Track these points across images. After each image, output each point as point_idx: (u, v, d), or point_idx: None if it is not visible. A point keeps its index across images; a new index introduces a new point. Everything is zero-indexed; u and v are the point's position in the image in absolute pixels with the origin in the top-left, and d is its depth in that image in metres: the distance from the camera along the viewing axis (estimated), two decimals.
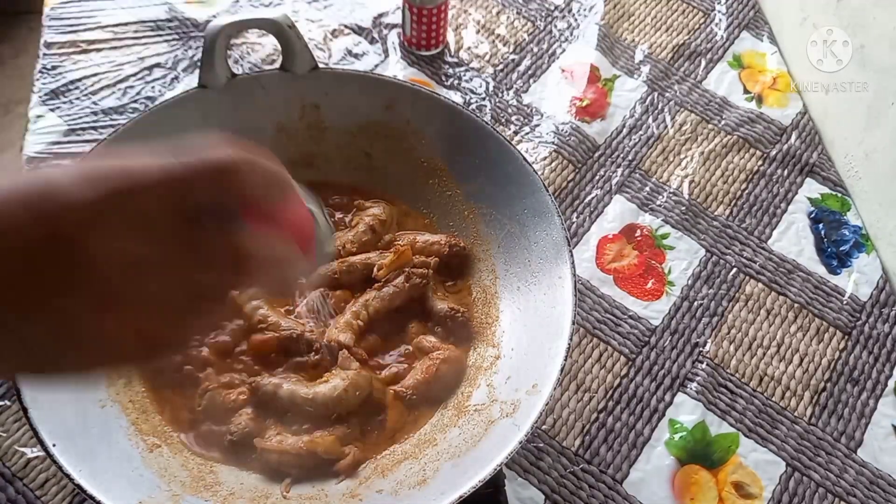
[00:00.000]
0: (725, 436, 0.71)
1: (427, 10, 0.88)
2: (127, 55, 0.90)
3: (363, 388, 0.62)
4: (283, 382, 0.62)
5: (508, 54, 0.95)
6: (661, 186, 0.86)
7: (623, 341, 0.75)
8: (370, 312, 0.67)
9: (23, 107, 0.92)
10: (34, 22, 0.97)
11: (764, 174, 0.88)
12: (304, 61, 0.69)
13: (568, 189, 0.85)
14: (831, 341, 0.77)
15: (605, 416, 0.71)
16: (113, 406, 0.60)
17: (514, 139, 0.88)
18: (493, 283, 0.70)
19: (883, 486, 0.69)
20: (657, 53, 0.97)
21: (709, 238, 0.83)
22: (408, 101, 0.71)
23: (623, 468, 0.68)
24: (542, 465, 0.68)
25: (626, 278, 0.79)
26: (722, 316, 0.78)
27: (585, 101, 0.91)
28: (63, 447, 0.52)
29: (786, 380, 0.74)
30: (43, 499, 0.63)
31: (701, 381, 0.73)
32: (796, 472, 0.69)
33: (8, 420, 0.66)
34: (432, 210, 0.75)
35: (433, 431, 0.62)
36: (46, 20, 0.91)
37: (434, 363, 0.64)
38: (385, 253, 0.70)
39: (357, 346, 0.65)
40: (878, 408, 0.73)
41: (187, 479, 0.57)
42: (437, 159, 0.73)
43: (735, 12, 1.01)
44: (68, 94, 0.86)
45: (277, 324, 0.65)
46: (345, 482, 0.59)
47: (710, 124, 0.91)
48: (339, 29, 0.95)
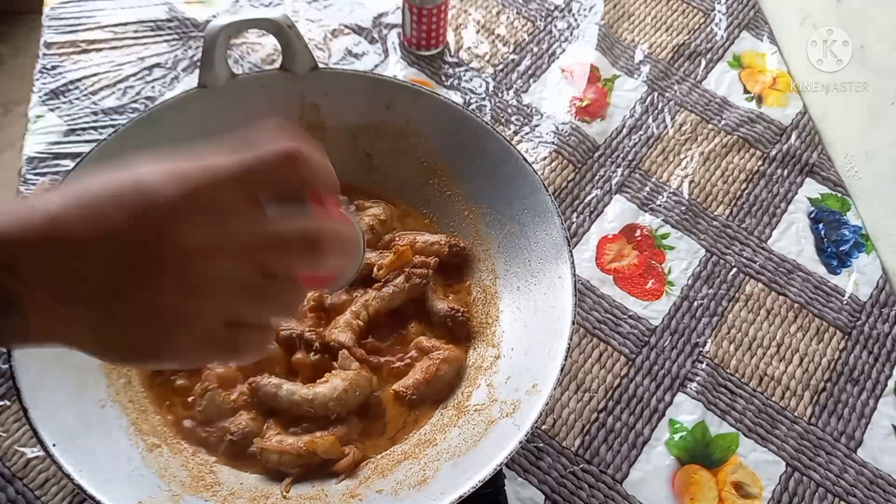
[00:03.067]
0: (725, 436, 0.71)
1: (427, 10, 0.88)
2: (127, 55, 0.90)
3: (363, 388, 0.62)
4: (283, 382, 0.62)
5: (508, 54, 0.95)
6: (661, 186, 0.86)
7: (623, 341, 0.75)
8: (370, 312, 0.67)
9: (23, 107, 0.92)
10: (34, 22, 0.97)
11: (764, 174, 0.88)
12: (304, 61, 0.69)
13: (568, 189, 0.85)
14: (831, 341, 0.77)
15: (605, 416, 0.71)
16: (113, 406, 0.60)
17: (514, 139, 0.88)
18: (493, 283, 0.70)
19: (883, 486, 0.69)
20: (657, 53, 0.97)
21: (709, 238, 0.83)
22: (408, 101, 0.71)
23: (623, 468, 0.68)
24: (542, 465, 0.68)
25: (626, 278, 0.79)
26: (722, 316, 0.78)
27: (585, 101, 0.91)
28: (63, 447, 0.52)
29: (786, 380, 0.74)
30: (43, 499, 0.63)
31: (701, 381, 0.73)
32: (796, 472, 0.69)
33: (8, 420, 0.66)
34: (432, 210, 0.75)
35: (433, 431, 0.62)
36: (46, 20, 0.91)
37: (434, 363, 0.64)
38: (385, 253, 0.70)
39: (357, 346, 0.65)
40: (878, 408, 0.73)
41: (187, 479, 0.57)
42: (437, 159, 0.73)
43: (735, 12, 1.01)
44: (68, 94, 0.86)
45: (277, 324, 0.65)
46: (345, 482, 0.59)
47: (710, 124, 0.91)
48: (339, 29, 0.95)
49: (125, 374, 0.63)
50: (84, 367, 0.60)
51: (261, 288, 0.35)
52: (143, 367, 0.61)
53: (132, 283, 0.32)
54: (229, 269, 0.34)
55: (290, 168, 0.34)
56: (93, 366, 0.61)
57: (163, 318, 0.33)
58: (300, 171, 0.35)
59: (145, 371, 0.63)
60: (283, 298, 0.36)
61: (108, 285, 0.32)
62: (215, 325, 0.35)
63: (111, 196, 0.32)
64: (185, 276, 0.33)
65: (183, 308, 0.33)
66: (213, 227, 0.33)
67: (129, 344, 0.34)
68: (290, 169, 0.34)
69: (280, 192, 0.35)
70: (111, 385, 0.61)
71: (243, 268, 0.34)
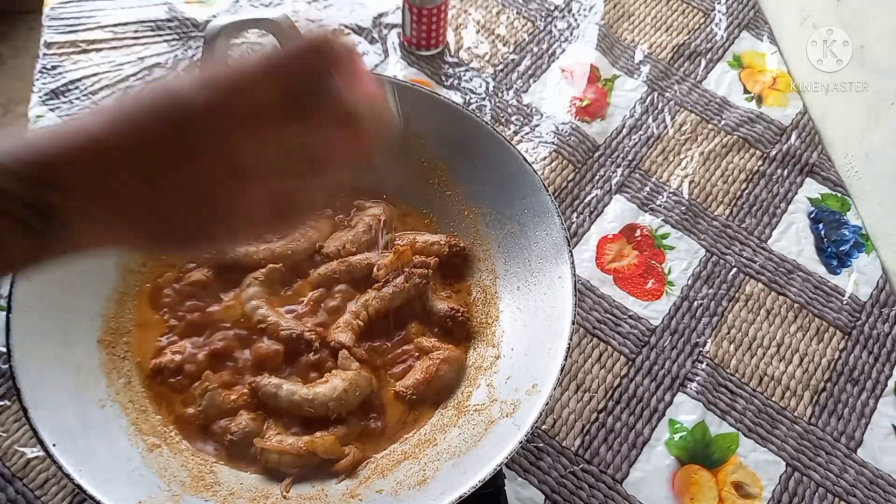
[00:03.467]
0: (725, 436, 0.71)
1: (427, 10, 0.88)
2: (127, 55, 0.90)
3: (363, 388, 0.62)
4: (283, 382, 0.62)
5: (508, 54, 0.95)
6: (661, 186, 0.86)
7: (623, 341, 0.75)
8: (370, 312, 0.67)
9: (23, 107, 0.92)
10: (34, 22, 0.97)
11: (764, 174, 0.88)
12: None
13: (568, 189, 0.85)
14: (831, 341, 0.77)
15: (605, 416, 0.71)
16: (113, 406, 0.60)
17: (514, 139, 0.88)
18: (493, 283, 0.70)
19: (883, 486, 0.69)
20: (657, 53, 0.97)
21: (709, 238, 0.83)
22: (408, 101, 0.71)
23: (623, 468, 0.68)
24: (542, 465, 0.68)
25: (626, 278, 0.79)
26: (722, 316, 0.78)
27: (585, 101, 0.91)
28: (63, 447, 0.52)
29: (786, 380, 0.74)
30: (43, 499, 0.63)
31: (701, 381, 0.73)
32: (796, 472, 0.69)
33: (8, 420, 0.66)
34: (432, 210, 0.75)
35: (433, 431, 0.62)
36: (46, 20, 0.91)
37: (434, 363, 0.64)
38: (385, 253, 0.70)
39: (357, 346, 0.65)
40: (878, 408, 0.73)
41: (187, 479, 0.58)
42: (437, 159, 0.73)
43: (735, 12, 1.01)
44: (68, 94, 0.86)
45: (277, 324, 0.65)
46: (345, 482, 0.59)
47: (710, 124, 0.91)
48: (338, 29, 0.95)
49: (125, 373, 0.63)
50: (84, 367, 0.60)
51: (302, 165, 0.36)
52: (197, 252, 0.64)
53: (171, 174, 0.34)
54: (268, 152, 0.35)
55: (313, 55, 0.36)
56: (93, 366, 0.61)
57: (207, 202, 0.35)
58: (325, 57, 0.36)
59: (145, 371, 0.63)
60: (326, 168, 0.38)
61: (149, 183, 0.34)
62: (260, 201, 0.36)
63: (145, 107, 0.34)
64: (225, 160, 0.34)
65: (225, 190, 0.35)
66: (249, 124, 0.35)
67: (178, 232, 0.36)
68: (312, 56, 0.36)
69: (310, 80, 0.36)
70: (111, 385, 0.61)
71: (282, 148, 0.35)
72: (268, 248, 0.69)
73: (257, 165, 0.35)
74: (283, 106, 0.35)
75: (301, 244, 0.70)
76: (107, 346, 0.63)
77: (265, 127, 0.35)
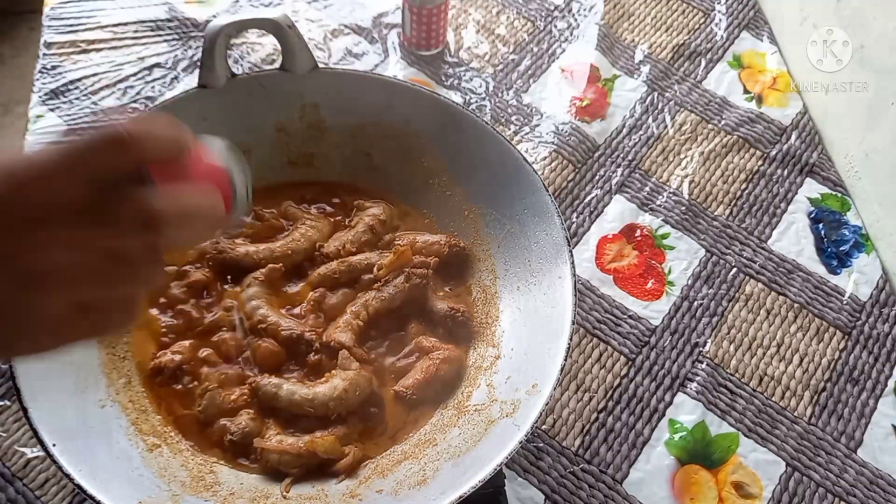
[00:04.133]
0: (725, 436, 0.71)
1: (427, 11, 0.88)
2: (127, 55, 0.90)
3: (363, 388, 0.62)
4: (283, 382, 0.62)
5: (508, 54, 0.95)
6: (661, 186, 0.86)
7: (623, 341, 0.75)
8: (370, 312, 0.67)
9: (23, 107, 0.92)
10: (34, 22, 0.97)
11: (764, 174, 0.88)
12: (304, 61, 0.69)
13: (568, 189, 0.85)
14: (831, 341, 0.77)
15: (605, 416, 0.71)
16: (113, 406, 0.60)
17: (514, 139, 0.88)
18: (493, 283, 0.70)
19: (883, 486, 0.69)
20: (657, 53, 0.97)
21: (709, 238, 0.83)
22: (408, 101, 0.71)
23: (623, 468, 0.68)
24: (542, 465, 0.68)
25: (626, 278, 0.79)
26: (722, 316, 0.78)
27: (585, 101, 0.91)
28: (63, 447, 0.52)
29: (786, 380, 0.74)
30: (43, 499, 0.63)
31: (701, 381, 0.73)
32: (796, 472, 0.69)
33: (8, 420, 0.66)
34: (432, 210, 0.75)
35: (433, 431, 0.62)
36: (46, 20, 0.91)
37: (434, 363, 0.64)
38: (385, 253, 0.70)
39: (357, 346, 0.65)
40: (878, 408, 0.73)
41: (187, 479, 0.57)
42: (437, 159, 0.73)
43: (735, 12, 1.01)
44: (68, 94, 0.86)
45: (277, 324, 0.65)
46: (345, 482, 0.59)
47: (710, 124, 0.91)
48: (338, 29, 0.95)
49: (125, 373, 0.63)
50: (84, 367, 0.60)
51: (105, 271, 0.34)
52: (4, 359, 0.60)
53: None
54: (66, 257, 0.32)
55: (113, 150, 0.33)
56: (93, 366, 0.61)
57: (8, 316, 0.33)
58: (125, 152, 0.33)
59: (145, 371, 0.63)
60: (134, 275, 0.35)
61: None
62: (62, 312, 0.34)
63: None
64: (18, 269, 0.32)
65: (22, 302, 0.32)
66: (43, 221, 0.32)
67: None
68: (112, 151, 0.33)
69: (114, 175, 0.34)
70: (111, 385, 0.61)
71: (81, 255, 0.33)
72: (268, 248, 0.70)
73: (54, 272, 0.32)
74: (81, 207, 0.32)
75: (301, 244, 0.70)
76: (107, 346, 0.63)
77: (61, 230, 0.32)
